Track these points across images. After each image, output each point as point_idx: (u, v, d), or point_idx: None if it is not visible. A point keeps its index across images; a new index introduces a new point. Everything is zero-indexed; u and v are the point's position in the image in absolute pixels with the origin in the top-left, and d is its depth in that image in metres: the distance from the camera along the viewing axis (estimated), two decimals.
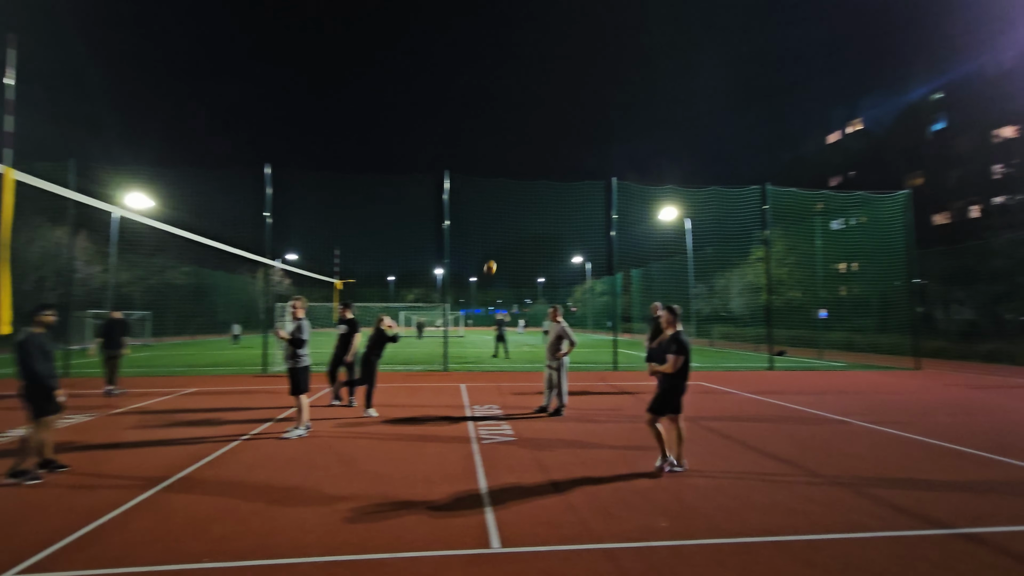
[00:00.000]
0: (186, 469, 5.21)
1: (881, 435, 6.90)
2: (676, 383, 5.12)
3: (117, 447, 6.13)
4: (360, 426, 7.31)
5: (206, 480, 4.88)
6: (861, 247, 21.70)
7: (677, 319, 5.29)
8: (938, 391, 11.16)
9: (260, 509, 4.14)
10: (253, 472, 5.13)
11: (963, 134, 39.86)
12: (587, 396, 10.13)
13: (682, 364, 5.05)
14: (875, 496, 4.50)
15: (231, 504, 4.25)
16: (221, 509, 4.14)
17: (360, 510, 4.12)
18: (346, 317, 9.00)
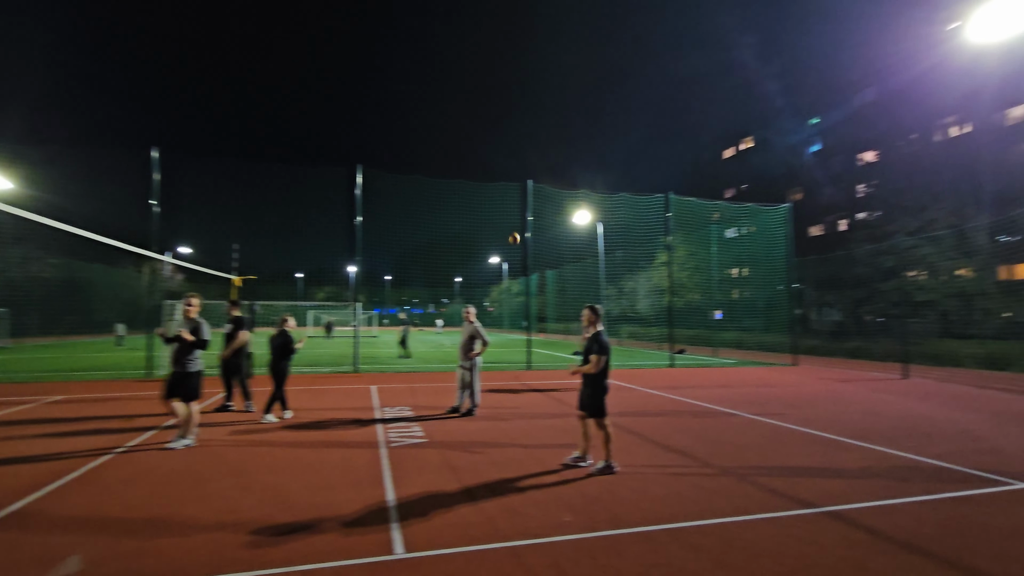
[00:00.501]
0: (45, 488, 4.58)
1: (763, 425, 7.58)
2: (599, 382, 5.26)
3: None
4: (257, 433, 6.84)
5: (69, 500, 4.32)
6: (750, 254, 23.81)
7: (599, 319, 5.44)
8: (811, 384, 12.48)
9: (135, 528, 3.73)
10: (130, 488, 4.62)
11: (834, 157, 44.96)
12: (501, 395, 10.22)
13: (604, 363, 5.21)
14: (756, 482, 4.93)
15: (100, 525, 3.79)
16: (88, 531, 3.68)
17: (252, 523, 3.84)
18: (232, 315, 8.48)
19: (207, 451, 5.90)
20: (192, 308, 6.26)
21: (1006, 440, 6.72)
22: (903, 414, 8.54)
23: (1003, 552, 3.44)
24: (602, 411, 5.25)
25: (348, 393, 10.43)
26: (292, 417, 7.78)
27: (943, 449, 6.22)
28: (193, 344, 6.10)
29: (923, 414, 8.55)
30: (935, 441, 6.64)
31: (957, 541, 3.60)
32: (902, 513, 4.15)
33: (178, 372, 6.06)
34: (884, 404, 9.57)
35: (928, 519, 4.01)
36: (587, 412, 5.29)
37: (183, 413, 6.08)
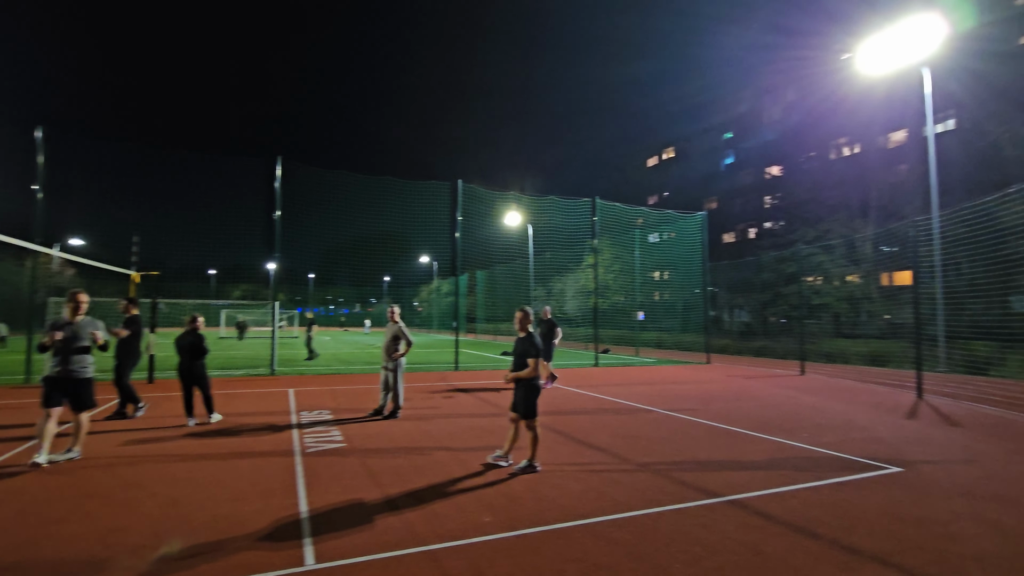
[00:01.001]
0: None
1: (677, 421, 7.99)
2: (532, 383, 5.29)
3: None
4: (155, 443, 6.30)
5: None
6: (670, 259, 25.06)
7: (530, 321, 5.50)
8: (721, 381, 13.33)
9: (11, 548, 3.30)
10: (5, 504, 4.09)
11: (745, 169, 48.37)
12: (426, 397, 10.07)
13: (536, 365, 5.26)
14: (668, 475, 5.18)
15: None
16: None
17: (144, 542, 3.52)
18: (130, 314, 7.85)
19: (95, 464, 5.35)
20: (81, 305, 5.65)
21: (884, 429, 7.50)
22: (799, 407, 9.32)
23: (876, 529, 3.83)
24: (533, 412, 5.30)
25: (263, 397, 9.86)
26: (196, 425, 7.25)
27: (831, 439, 6.84)
28: (102, 348, 5.61)
29: (816, 407, 9.37)
30: (825, 431, 7.29)
31: (840, 522, 3.96)
32: (794, 499, 4.51)
33: (85, 378, 5.48)
34: (783, 398, 10.39)
35: (816, 503, 4.39)
36: (519, 414, 5.33)
37: (84, 423, 5.54)
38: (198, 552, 3.37)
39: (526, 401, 5.28)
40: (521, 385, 5.31)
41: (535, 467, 5.24)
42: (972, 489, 4.80)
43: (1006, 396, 10.31)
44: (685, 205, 38.37)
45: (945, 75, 26.00)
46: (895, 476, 5.20)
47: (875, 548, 3.51)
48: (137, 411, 7.82)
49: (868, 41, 18.93)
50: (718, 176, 50.69)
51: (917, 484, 4.94)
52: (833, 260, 29.17)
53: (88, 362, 5.54)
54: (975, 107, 27.16)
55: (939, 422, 8.05)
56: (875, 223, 30.11)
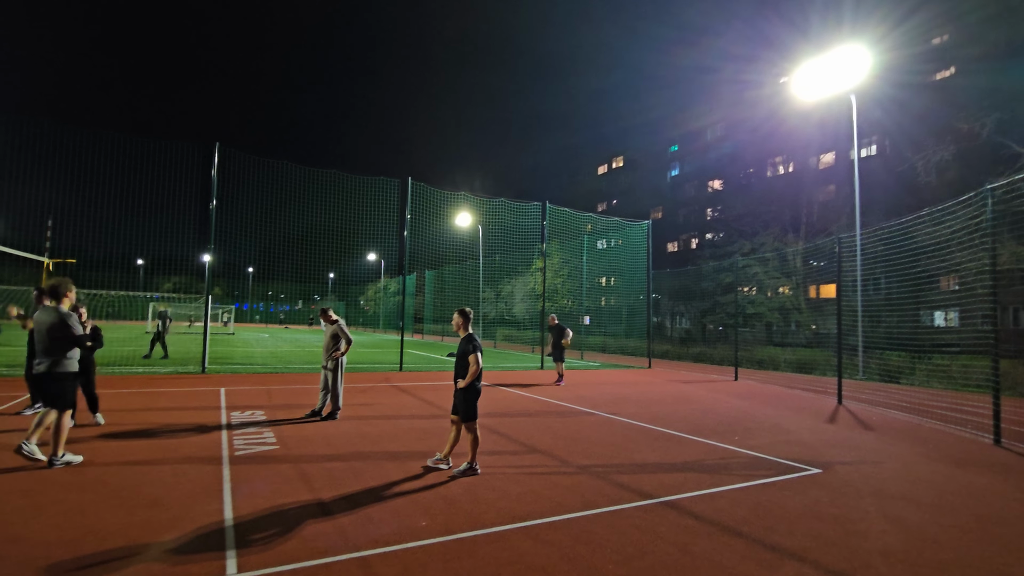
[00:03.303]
0: None
1: (617, 423, 8.16)
2: (473, 385, 5.24)
3: None
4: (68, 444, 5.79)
5: None
6: (616, 265, 25.69)
7: (469, 322, 5.46)
8: (661, 385, 13.75)
9: None
10: None
11: (689, 182, 50.31)
12: (367, 397, 9.82)
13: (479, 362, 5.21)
14: (607, 477, 5.27)
15: None
16: None
17: (44, 554, 3.22)
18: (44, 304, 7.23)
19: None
20: (69, 298, 5.33)
21: (807, 432, 7.96)
22: (731, 411, 9.74)
23: (796, 529, 4.04)
24: (473, 415, 5.25)
25: (191, 396, 9.31)
26: (105, 424, 6.75)
27: (759, 441, 7.18)
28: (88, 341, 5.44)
29: (747, 411, 9.83)
30: (754, 434, 7.66)
31: (763, 522, 4.15)
32: (723, 499, 4.69)
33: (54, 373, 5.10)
34: (718, 403, 10.84)
35: (742, 503, 4.58)
36: (459, 416, 5.26)
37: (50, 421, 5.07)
38: (104, 561, 3.11)
39: (466, 403, 5.24)
40: (461, 387, 5.25)
41: (475, 469, 5.19)
42: (882, 488, 5.15)
43: (914, 402, 11.19)
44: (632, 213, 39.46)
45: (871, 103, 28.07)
46: (815, 477, 5.52)
47: (794, 546, 3.70)
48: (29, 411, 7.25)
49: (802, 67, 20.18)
50: (664, 187, 52.51)
51: (834, 484, 5.26)
52: (767, 272, 30.83)
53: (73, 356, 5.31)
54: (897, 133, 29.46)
55: (856, 426, 8.63)
56: (805, 238, 32.06)
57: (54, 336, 5.06)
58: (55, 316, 5.09)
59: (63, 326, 5.09)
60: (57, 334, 5.07)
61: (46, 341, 5.05)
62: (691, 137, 50.08)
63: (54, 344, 5.06)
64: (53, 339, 5.06)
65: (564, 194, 60.17)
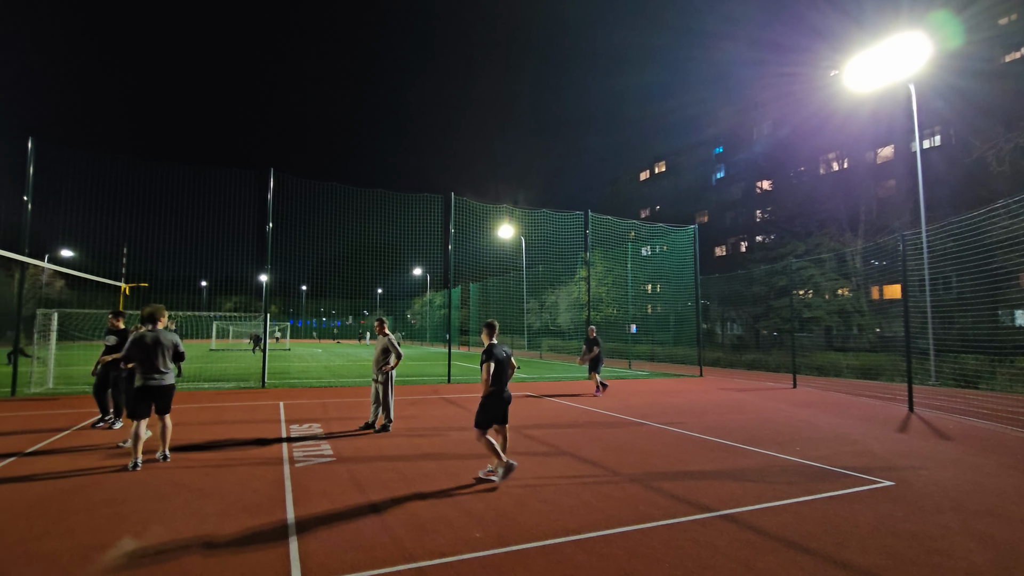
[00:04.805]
0: None
1: (668, 434, 7.96)
2: (492, 393, 5.35)
3: None
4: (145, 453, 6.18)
5: None
6: (662, 272, 25.19)
7: (491, 334, 5.62)
8: (713, 394, 13.32)
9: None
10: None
11: (735, 183, 48.85)
12: (417, 409, 9.99)
13: (494, 374, 5.32)
14: (660, 489, 5.14)
15: None
16: None
17: (128, 560, 3.44)
18: (116, 327, 7.77)
19: (76, 479, 5.25)
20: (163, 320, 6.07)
21: (875, 442, 7.51)
22: (791, 420, 9.31)
23: (870, 546, 3.81)
24: (479, 422, 5.33)
25: (253, 410, 9.74)
26: (180, 436, 7.14)
27: (823, 452, 6.83)
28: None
29: (807, 420, 9.37)
30: (817, 444, 7.29)
31: (832, 537, 3.94)
32: (786, 513, 4.48)
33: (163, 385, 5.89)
34: (776, 411, 10.39)
35: (808, 517, 4.37)
36: (488, 424, 5.39)
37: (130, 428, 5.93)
38: (182, 570, 3.29)
39: (478, 410, 5.39)
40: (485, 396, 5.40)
41: (489, 477, 5.34)
42: (964, 503, 4.79)
43: (996, 409, 10.37)
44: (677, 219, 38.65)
45: (931, 92, 26.54)
46: (887, 490, 5.20)
47: (868, 564, 3.49)
48: (95, 424, 7.80)
49: (855, 58, 19.31)
50: (709, 190, 51.20)
51: (909, 498, 4.93)
52: (824, 274, 29.42)
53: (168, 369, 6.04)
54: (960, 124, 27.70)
55: (930, 435, 8.07)
56: (864, 237, 30.46)
57: (167, 353, 5.92)
58: (163, 336, 5.93)
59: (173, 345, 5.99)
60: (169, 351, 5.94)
61: (159, 357, 5.82)
62: (736, 137, 48.72)
63: (164, 360, 5.87)
64: (166, 356, 5.89)
65: (606, 202, 59.67)
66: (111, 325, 7.83)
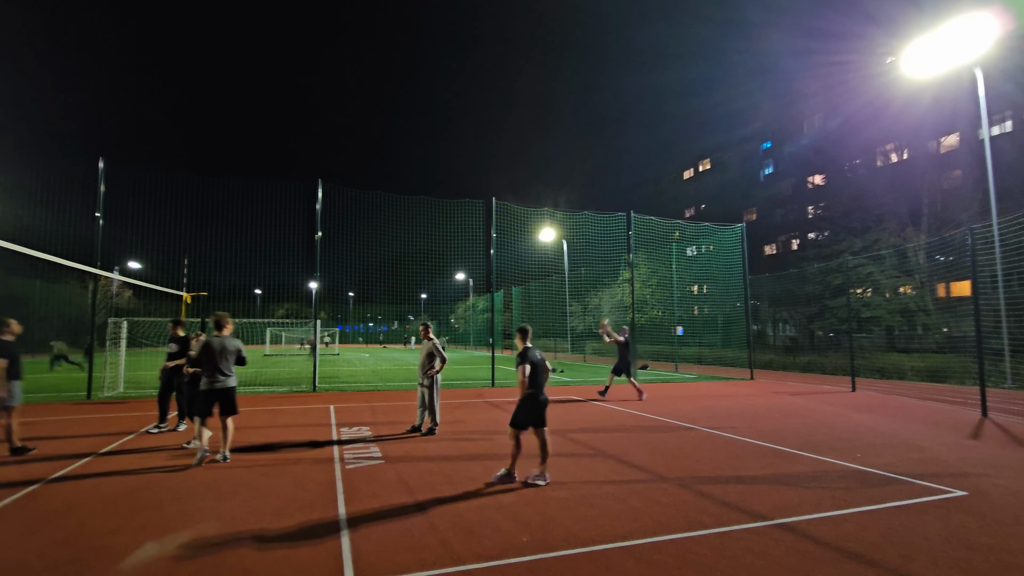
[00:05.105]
0: None
1: (719, 439, 7.73)
2: (529, 396, 5.45)
3: None
4: (192, 456, 6.52)
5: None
6: (709, 272, 24.49)
7: (525, 338, 5.70)
8: (766, 398, 12.84)
9: (63, 563, 3.48)
10: (60, 519, 4.31)
11: (785, 179, 46.99)
12: (463, 413, 10.09)
13: (530, 376, 5.38)
14: (711, 495, 5.00)
15: (24, 559, 3.52)
16: (10, 567, 3.41)
17: (192, 554, 3.64)
18: (177, 335, 8.20)
19: (145, 477, 5.59)
20: (228, 327, 6.52)
21: (945, 449, 7.05)
22: (851, 425, 8.86)
23: (940, 559, 3.58)
24: (515, 422, 5.49)
25: (305, 413, 10.10)
26: (238, 439, 7.48)
27: (887, 459, 6.47)
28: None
29: (869, 425, 8.90)
30: (880, 451, 6.91)
31: (898, 549, 3.73)
32: (847, 523, 4.27)
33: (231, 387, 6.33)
34: (833, 416, 9.91)
35: (872, 528, 4.15)
36: (524, 425, 5.48)
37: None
38: (243, 565, 3.45)
39: (515, 409, 5.54)
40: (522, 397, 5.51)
41: (512, 476, 5.43)
42: None
43: None
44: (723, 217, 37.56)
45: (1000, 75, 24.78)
46: (959, 500, 4.87)
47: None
48: (154, 428, 8.20)
49: (914, 43, 18.25)
50: (757, 186, 49.48)
51: (984, 509, 4.61)
52: (884, 271, 27.88)
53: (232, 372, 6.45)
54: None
55: (1007, 442, 7.51)
56: (928, 231, 28.68)
57: (231, 358, 6.36)
58: (227, 342, 6.37)
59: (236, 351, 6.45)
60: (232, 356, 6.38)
61: (224, 361, 6.25)
62: (785, 131, 46.91)
63: (228, 364, 6.30)
64: (229, 360, 6.32)
65: (649, 202, 58.61)
66: (172, 333, 8.29)
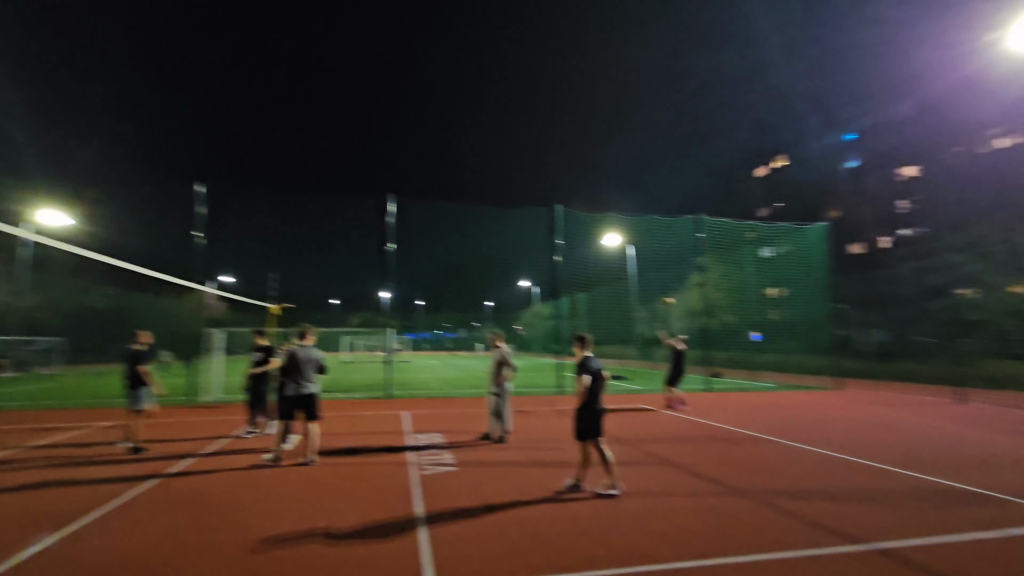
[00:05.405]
0: (94, 513, 4.75)
1: (802, 452, 7.26)
2: (585, 406, 5.46)
3: (14, 491, 5.52)
4: (289, 459, 6.94)
5: (115, 525, 4.47)
6: (788, 274, 23.13)
7: (583, 346, 5.70)
8: (855, 409, 11.91)
9: (172, 557, 3.82)
10: (170, 515, 4.75)
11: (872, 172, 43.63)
12: (532, 421, 10.11)
13: (589, 386, 5.38)
14: (797, 514, 4.70)
15: (140, 553, 3.91)
16: (129, 560, 3.80)
17: (285, 553, 3.88)
18: (260, 344, 8.76)
19: (242, 477, 6.02)
20: (311, 338, 6.99)
21: None
22: (959, 442, 8.04)
23: None
24: (580, 434, 5.48)
25: (380, 419, 10.51)
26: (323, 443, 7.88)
27: (1006, 480, 5.81)
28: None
29: (981, 442, 8.03)
30: (997, 472, 6.22)
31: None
32: (962, 551, 3.88)
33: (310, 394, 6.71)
34: (937, 431, 9.04)
35: (991, 557, 3.74)
36: (584, 436, 5.48)
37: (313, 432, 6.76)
38: (331, 565, 3.64)
39: (575, 422, 5.54)
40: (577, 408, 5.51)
41: (579, 487, 5.41)
42: None
43: None
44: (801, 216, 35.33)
45: None
46: None
47: None
48: (247, 432, 8.68)
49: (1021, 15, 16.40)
50: (840, 181, 46.23)
51: None
52: (995, 269, 25.13)
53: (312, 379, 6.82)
54: None
55: None
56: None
57: (313, 367, 6.75)
58: (311, 352, 6.79)
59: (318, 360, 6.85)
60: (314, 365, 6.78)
61: (307, 370, 6.68)
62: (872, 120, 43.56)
63: (310, 372, 6.71)
64: (311, 369, 6.73)
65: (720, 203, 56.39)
66: (255, 343, 8.87)
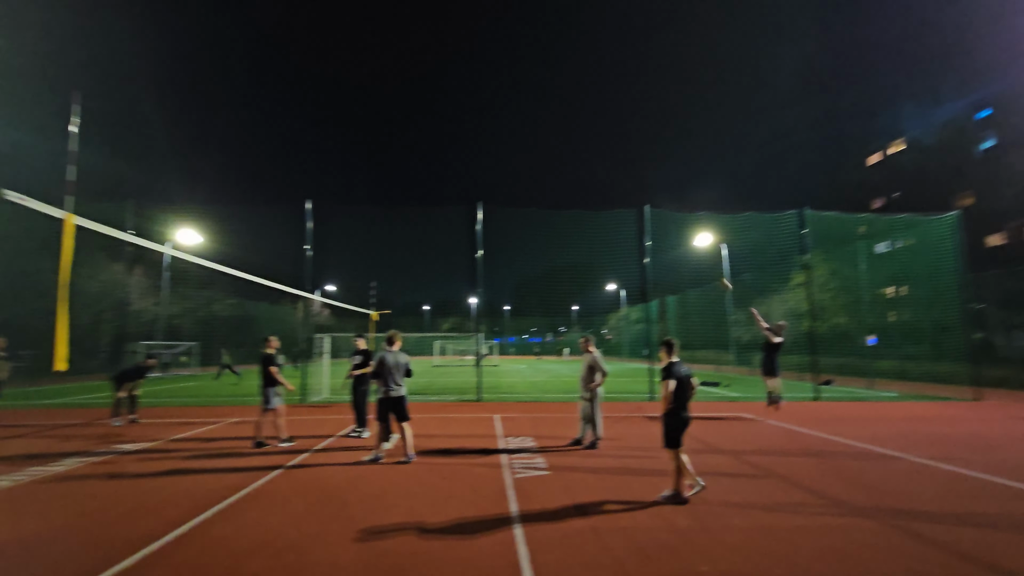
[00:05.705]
0: (227, 500, 5.33)
1: (937, 472, 6.47)
2: (672, 412, 5.29)
3: (159, 476, 6.33)
4: (390, 458, 7.34)
5: (245, 512, 4.99)
6: (910, 271, 20.80)
7: (670, 352, 5.51)
8: (999, 423, 10.42)
9: (294, 543, 4.19)
10: (290, 504, 5.21)
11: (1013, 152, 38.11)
12: (623, 427, 9.91)
13: (675, 393, 5.21)
14: (934, 540, 4.20)
15: (267, 538, 4.32)
16: (257, 543, 4.21)
17: (391, 546, 4.11)
18: (359, 348, 9.25)
19: (352, 475, 6.46)
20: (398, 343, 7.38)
21: None
22: None
23: None
24: (669, 442, 5.32)
25: (473, 422, 10.79)
26: (418, 444, 8.24)
27: None
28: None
29: None
30: None
31: None
32: None
33: (400, 396, 7.07)
34: None
35: None
36: (669, 444, 5.35)
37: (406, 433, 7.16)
38: (437, 563, 3.80)
39: (663, 429, 5.37)
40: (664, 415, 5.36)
41: (679, 498, 5.23)
42: None
43: None
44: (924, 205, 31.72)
45: None
46: None
47: None
48: (353, 433, 9.14)
49: None
50: (973, 165, 40.76)
51: None
52: None
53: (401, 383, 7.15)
54: None
55: None
56: None
57: (401, 371, 7.07)
58: (399, 357, 7.12)
59: (404, 364, 7.17)
60: (401, 370, 7.10)
61: (396, 373, 7.03)
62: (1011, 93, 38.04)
63: (398, 376, 7.04)
64: (398, 373, 7.06)
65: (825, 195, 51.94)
66: (355, 346, 9.44)
